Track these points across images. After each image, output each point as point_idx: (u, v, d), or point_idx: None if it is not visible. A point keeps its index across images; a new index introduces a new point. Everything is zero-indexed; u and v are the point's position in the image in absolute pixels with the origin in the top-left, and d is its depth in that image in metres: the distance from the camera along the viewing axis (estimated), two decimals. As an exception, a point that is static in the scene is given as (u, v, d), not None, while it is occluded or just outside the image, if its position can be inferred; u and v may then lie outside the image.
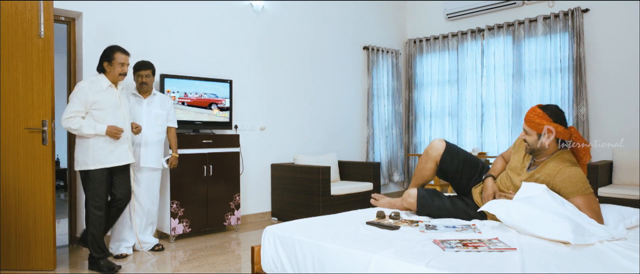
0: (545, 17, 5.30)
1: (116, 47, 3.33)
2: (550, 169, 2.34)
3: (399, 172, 6.46)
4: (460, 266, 1.67)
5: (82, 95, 3.16)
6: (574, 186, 2.26)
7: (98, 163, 3.20)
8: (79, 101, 3.15)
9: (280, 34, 5.32)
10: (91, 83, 3.22)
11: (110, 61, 3.27)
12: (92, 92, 3.18)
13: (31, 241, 3.21)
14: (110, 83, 3.28)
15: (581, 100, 4.99)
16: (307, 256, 2.12)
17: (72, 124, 3.12)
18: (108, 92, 3.27)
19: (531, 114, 2.41)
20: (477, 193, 2.66)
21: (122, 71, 3.29)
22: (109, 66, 3.28)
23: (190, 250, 3.81)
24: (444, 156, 2.76)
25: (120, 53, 3.29)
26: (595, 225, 2.08)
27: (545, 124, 2.34)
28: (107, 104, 3.23)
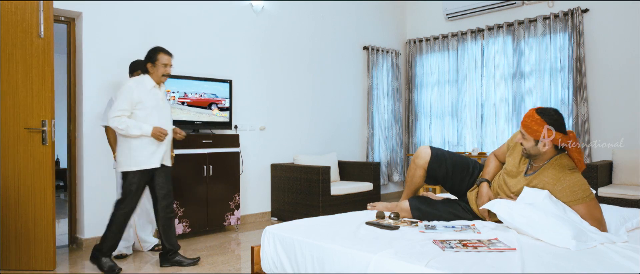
0: (545, 17, 5.30)
1: (159, 48, 3.29)
2: (549, 178, 2.27)
3: (398, 172, 6.46)
4: (459, 266, 1.67)
5: (129, 94, 3.12)
6: (575, 194, 2.20)
7: (139, 165, 3.15)
8: (126, 99, 3.11)
9: (280, 34, 5.32)
10: (138, 83, 3.18)
11: (154, 62, 3.23)
12: (138, 92, 3.15)
13: (31, 241, 3.21)
14: (155, 84, 3.25)
15: (581, 100, 4.99)
16: (306, 256, 2.12)
17: (119, 123, 3.08)
18: (152, 93, 3.22)
19: (528, 119, 2.29)
20: (472, 198, 2.63)
21: (165, 71, 3.25)
22: (152, 67, 3.24)
23: (190, 250, 3.80)
24: (430, 163, 2.70)
25: (164, 54, 3.25)
26: (596, 232, 2.06)
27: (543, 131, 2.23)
28: (151, 104, 3.19)
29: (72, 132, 4.05)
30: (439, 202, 2.68)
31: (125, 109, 3.11)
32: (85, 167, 3.92)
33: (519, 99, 5.49)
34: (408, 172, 2.84)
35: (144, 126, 3.13)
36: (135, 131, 3.10)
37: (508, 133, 5.61)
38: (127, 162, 3.16)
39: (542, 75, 5.34)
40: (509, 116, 5.60)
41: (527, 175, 2.38)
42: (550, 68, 5.27)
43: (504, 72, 5.69)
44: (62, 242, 4.11)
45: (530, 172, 2.38)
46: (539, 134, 2.25)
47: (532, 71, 5.41)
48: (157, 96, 3.26)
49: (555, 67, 5.24)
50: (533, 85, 5.39)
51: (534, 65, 5.39)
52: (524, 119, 2.32)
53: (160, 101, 3.27)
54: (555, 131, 2.23)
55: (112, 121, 3.10)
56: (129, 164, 3.16)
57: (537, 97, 5.35)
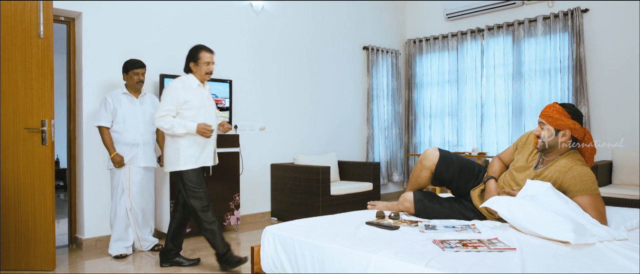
0: (545, 17, 5.30)
1: (201, 46, 3.23)
2: (561, 166, 2.33)
3: (398, 172, 6.46)
4: (459, 266, 1.67)
5: (174, 94, 3.10)
6: (584, 184, 2.25)
7: (190, 163, 3.12)
8: (170, 99, 3.09)
9: (280, 34, 5.32)
10: (182, 82, 3.15)
11: (196, 61, 3.18)
12: (184, 92, 3.11)
13: (31, 241, 3.21)
14: (199, 83, 3.21)
15: (582, 100, 4.99)
16: (306, 256, 2.12)
17: (164, 123, 3.06)
18: (197, 92, 3.18)
19: (550, 110, 2.38)
20: (475, 195, 2.64)
21: (208, 70, 3.20)
22: (195, 66, 3.19)
23: (190, 250, 3.80)
24: (438, 166, 2.71)
25: (206, 52, 3.20)
26: (597, 225, 2.08)
27: (565, 120, 2.32)
28: (197, 104, 3.15)
29: (72, 132, 4.04)
30: (443, 199, 2.70)
31: (170, 110, 3.08)
32: (85, 167, 3.92)
33: (518, 99, 5.49)
34: (413, 172, 2.85)
35: (188, 123, 3.09)
36: (180, 129, 3.07)
37: (508, 133, 5.61)
38: (177, 161, 3.12)
39: (542, 75, 5.34)
40: (509, 116, 5.60)
41: (537, 168, 2.42)
42: (550, 68, 5.27)
43: (503, 72, 5.69)
44: (62, 242, 4.11)
45: (541, 165, 2.42)
46: (561, 123, 2.34)
47: (532, 71, 5.40)
48: (202, 94, 3.22)
49: (555, 67, 5.24)
50: (533, 85, 5.39)
51: (534, 65, 5.39)
52: (546, 110, 2.40)
53: (205, 99, 3.23)
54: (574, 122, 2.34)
55: (157, 122, 3.08)
56: (179, 164, 3.12)
57: (537, 97, 5.36)
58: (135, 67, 3.65)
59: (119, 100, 3.62)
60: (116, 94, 3.64)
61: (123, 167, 3.59)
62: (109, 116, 3.58)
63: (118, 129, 3.60)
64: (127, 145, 3.60)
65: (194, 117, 3.13)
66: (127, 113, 3.62)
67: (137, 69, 3.66)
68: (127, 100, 3.65)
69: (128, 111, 3.62)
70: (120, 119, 3.60)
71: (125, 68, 3.67)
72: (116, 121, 3.60)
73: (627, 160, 4.45)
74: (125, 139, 3.60)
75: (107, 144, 3.57)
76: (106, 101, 3.59)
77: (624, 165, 4.45)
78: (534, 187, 2.27)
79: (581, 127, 2.36)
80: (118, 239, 3.62)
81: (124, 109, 3.61)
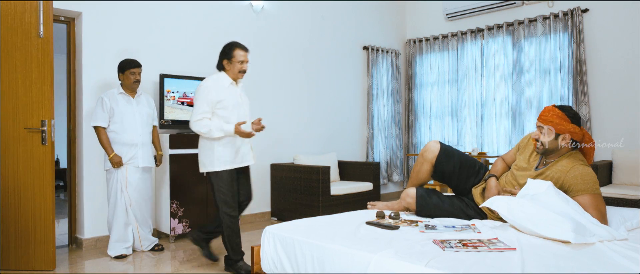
0: (544, 17, 5.30)
1: (235, 43, 3.18)
2: (562, 166, 2.34)
3: (398, 172, 6.46)
4: (459, 266, 1.67)
5: (206, 94, 3.03)
6: (585, 183, 2.26)
7: (224, 164, 3.08)
8: (204, 100, 3.02)
9: (280, 34, 5.32)
10: (214, 81, 3.09)
11: (230, 59, 3.11)
12: (216, 91, 3.04)
13: (31, 241, 3.21)
14: (232, 81, 3.15)
15: (582, 100, 4.99)
16: (306, 256, 2.12)
17: (201, 127, 3.00)
18: (230, 90, 3.12)
19: (549, 113, 2.38)
20: (477, 193, 2.65)
21: (242, 68, 3.13)
22: (228, 64, 3.12)
23: (189, 250, 3.80)
24: (439, 158, 2.75)
25: (240, 50, 3.14)
26: (597, 225, 2.08)
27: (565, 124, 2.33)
28: (230, 102, 3.08)
29: (72, 132, 4.04)
30: (444, 196, 2.71)
31: (205, 111, 3.01)
32: (85, 167, 3.92)
33: (518, 99, 5.49)
34: (414, 167, 2.87)
35: (225, 126, 3.02)
36: (218, 133, 3.00)
37: (508, 133, 5.61)
38: (211, 162, 3.08)
39: (542, 75, 5.34)
40: (509, 115, 5.60)
41: (538, 169, 2.43)
42: (550, 68, 5.27)
43: (503, 72, 5.69)
44: (62, 242, 4.11)
45: (542, 166, 2.43)
46: (561, 127, 2.34)
47: (532, 70, 5.40)
48: (235, 93, 3.15)
49: (555, 67, 5.24)
50: (533, 85, 5.39)
51: (534, 65, 5.39)
52: (544, 114, 2.40)
53: (239, 98, 3.16)
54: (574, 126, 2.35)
55: (194, 126, 3.02)
56: (214, 165, 3.08)
57: (537, 97, 5.36)
58: (131, 67, 3.61)
59: (116, 100, 3.58)
60: (112, 94, 3.60)
61: (121, 167, 3.57)
62: (106, 116, 3.54)
63: (115, 129, 3.56)
64: (125, 145, 3.58)
65: (228, 117, 3.06)
66: (125, 113, 3.59)
67: (133, 69, 3.62)
68: (124, 100, 3.62)
69: (126, 110, 3.60)
70: (118, 119, 3.56)
71: (121, 68, 3.63)
72: (113, 120, 3.57)
73: (627, 160, 4.45)
74: (123, 139, 3.57)
75: (105, 144, 3.53)
76: (103, 101, 3.55)
77: (624, 165, 4.45)
78: (534, 187, 2.28)
79: (580, 129, 2.37)
80: (117, 239, 3.60)
81: (121, 109, 3.58)
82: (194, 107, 3.06)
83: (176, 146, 4.09)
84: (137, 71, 3.64)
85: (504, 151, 5.60)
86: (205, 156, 3.11)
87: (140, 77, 3.69)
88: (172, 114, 4.20)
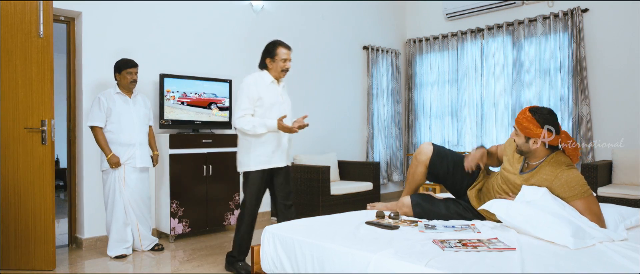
0: (544, 17, 5.30)
1: (278, 42, 3.13)
2: (546, 175, 2.29)
3: (398, 172, 6.46)
4: (459, 266, 1.67)
5: (247, 91, 3.01)
6: (572, 189, 2.22)
7: (259, 164, 3.05)
8: (246, 97, 3.00)
9: (280, 34, 5.31)
10: (255, 79, 3.07)
11: (273, 57, 3.08)
12: (256, 88, 3.02)
13: (31, 241, 3.21)
14: (273, 79, 3.12)
15: (582, 100, 4.99)
16: (306, 256, 2.12)
17: (245, 124, 2.98)
18: (271, 89, 3.09)
19: (520, 116, 2.35)
20: (473, 196, 2.65)
21: (284, 66, 3.09)
22: (271, 62, 3.09)
23: (189, 250, 3.81)
24: (432, 159, 2.74)
25: (283, 48, 3.10)
26: (596, 228, 2.07)
27: (543, 132, 2.28)
28: (269, 101, 3.05)
29: (72, 131, 4.04)
30: (440, 201, 2.70)
31: (247, 108, 2.99)
32: (85, 167, 3.92)
33: (518, 99, 5.49)
34: (409, 169, 2.87)
35: (268, 121, 2.98)
36: (262, 129, 2.97)
37: (508, 133, 5.61)
38: (247, 162, 3.07)
39: (542, 75, 5.34)
40: (509, 115, 5.60)
41: (523, 173, 2.41)
42: (550, 68, 5.27)
43: (503, 72, 5.69)
44: (62, 242, 4.11)
45: (526, 170, 2.41)
46: (529, 131, 2.31)
47: (532, 70, 5.40)
48: (275, 91, 3.12)
49: (555, 67, 5.24)
50: (533, 85, 5.39)
51: (534, 65, 5.39)
52: (518, 116, 2.37)
53: (279, 97, 3.13)
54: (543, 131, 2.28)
55: (237, 123, 3.00)
56: (249, 164, 3.06)
57: (537, 97, 5.35)
58: (128, 67, 3.59)
59: (113, 99, 3.56)
60: (109, 94, 3.57)
61: (118, 168, 3.56)
62: (103, 116, 3.52)
63: (113, 129, 3.54)
64: (123, 145, 3.56)
65: (265, 114, 3.04)
66: (122, 113, 3.57)
67: (130, 69, 3.60)
68: (121, 100, 3.60)
69: (123, 110, 3.57)
70: (115, 119, 3.54)
71: (118, 67, 3.60)
72: (110, 120, 3.54)
73: (627, 160, 4.45)
74: (120, 139, 3.55)
75: (103, 144, 3.50)
76: (100, 101, 3.52)
77: (624, 165, 4.45)
78: (530, 193, 2.26)
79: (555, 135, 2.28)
80: (117, 239, 3.59)
81: (118, 109, 3.56)
82: (236, 105, 3.05)
83: (176, 145, 4.09)
84: (134, 70, 3.62)
85: (504, 151, 5.59)
86: (242, 155, 3.11)
87: (137, 77, 3.67)
88: (172, 114, 4.20)
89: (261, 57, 3.15)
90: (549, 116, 2.31)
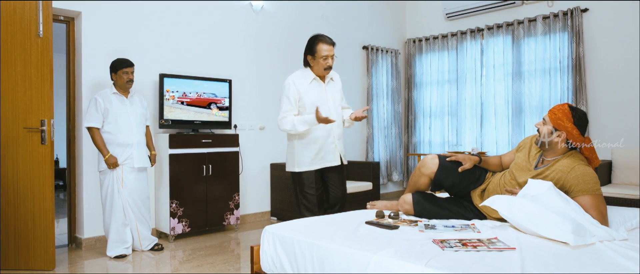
0: (544, 17, 5.30)
1: (319, 37, 3.00)
2: (564, 166, 2.32)
3: (398, 172, 6.46)
4: (459, 265, 1.67)
5: (287, 91, 2.97)
6: (586, 184, 2.25)
7: (302, 165, 3.03)
8: (287, 99, 2.96)
9: (280, 34, 5.31)
10: (295, 78, 3.01)
11: (314, 54, 2.97)
12: (296, 87, 2.96)
13: (30, 241, 3.21)
14: (315, 77, 3.02)
15: (581, 100, 4.99)
16: (306, 256, 2.12)
17: (285, 125, 2.94)
18: (312, 87, 3.01)
19: (557, 107, 2.39)
20: (476, 195, 2.65)
21: (326, 64, 2.97)
22: (312, 60, 2.99)
23: (189, 250, 3.80)
24: (437, 174, 2.66)
25: (323, 44, 2.97)
26: (597, 226, 2.07)
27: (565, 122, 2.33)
28: (310, 99, 2.97)
29: (72, 131, 4.04)
30: (442, 200, 2.69)
31: (288, 109, 2.94)
32: (85, 166, 3.92)
33: (518, 98, 5.49)
34: (412, 177, 2.81)
35: (306, 116, 2.90)
36: (302, 126, 2.91)
37: (508, 133, 5.61)
38: (293, 162, 3.06)
39: (541, 75, 5.34)
40: (509, 115, 5.60)
41: (537, 168, 2.42)
42: (549, 68, 5.27)
43: (503, 71, 5.69)
44: (62, 242, 4.11)
45: (541, 165, 2.42)
46: (560, 123, 2.35)
47: (532, 70, 5.41)
48: (318, 89, 3.02)
49: (554, 66, 5.24)
50: (532, 85, 5.39)
51: (534, 65, 5.39)
52: (554, 107, 2.42)
53: (321, 94, 3.03)
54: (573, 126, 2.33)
55: (279, 125, 2.98)
56: (294, 165, 3.05)
57: (536, 97, 5.36)
58: (124, 66, 3.57)
59: (110, 100, 3.54)
60: (106, 94, 3.56)
61: (116, 168, 3.55)
62: (100, 117, 3.50)
63: (110, 129, 3.53)
64: (120, 146, 3.55)
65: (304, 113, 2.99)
66: (119, 113, 3.55)
67: (126, 68, 3.57)
68: (118, 100, 3.59)
69: (120, 111, 3.56)
70: (112, 119, 3.53)
71: (114, 68, 3.59)
72: (108, 121, 3.53)
73: (626, 160, 4.46)
74: (118, 139, 3.54)
75: (100, 145, 3.49)
76: (97, 101, 3.50)
77: (624, 165, 4.46)
78: (535, 187, 2.27)
79: (580, 134, 2.33)
80: (116, 240, 3.58)
81: (115, 109, 3.54)
82: (279, 106, 3.02)
83: (176, 145, 4.09)
84: (130, 70, 3.60)
85: (504, 151, 5.60)
86: (289, 155, 3.11)
87: (134, 77, 3.65)
88: (172, 114, 4.20)
89: (304, 54, 3.06)
90: (583, 118, 2.38)
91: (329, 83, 3.14)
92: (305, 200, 3.07)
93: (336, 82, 3.21)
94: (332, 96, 3.11)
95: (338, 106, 3.15)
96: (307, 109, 2.99)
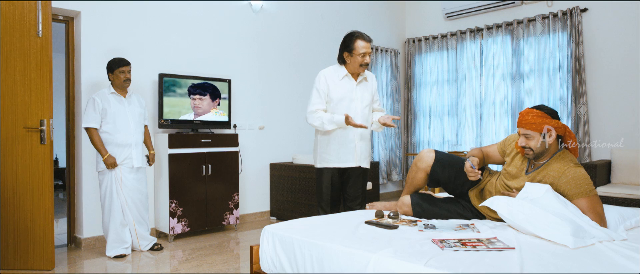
0: (544, 17, 5.31)
1: (357, 34, 2.94)
2: (554, 171, 2.30)
3: (397, 172, 6.46)
4: (458, 265, 1.67)
5: (317, 84, 2.95)
6: (578, 187, 2.23)
7: (324, 162, 3.03)
8: (317, 91, 2.93)
9: (279, 33, 5.31)
10: (327, 72, 2.98)
11: (351, 51, 2.92)
12: (325, 82, 2.94)
13: (30, 241, 3.20)
14: (347, 73, 2.98)
15: (580, 99, 5.00)
16: (306, 256, 2.11)
17: (314, 121, 2.93)
18: (343, 83, 2.97)
19: (528, 116, 2.33)
20: (474, 195, 2.64)
21: (363, 61, 2.93)
22: (349, 57, 2.94)
23: (189, 250, 3.80)
24: (433, 167, 2.67)
25: (361, 40, 2.92)
26: (596, 227, 2.07)
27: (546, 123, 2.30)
28: (337, 96, 2.93)
29: (71, 131, 4.04)
30: (440, 200, 2.68)
31: (317, 103, 2.91)
32: (84, 166, 3.91)
33: (518, 98, 5.49)
34: (409, 173, 2.82)
35: (335, 116, 2.88)
36: (330, 125, 2.89)
37: (507, 132, 5.61)
38: (316, 159, 3.08)
39: (541, 74, 5.34)
40: (508, 115, 5.60)
41: (529, 173, 2.40)
42: (549, 67, 5.27)
43: (503, 71, 5.70)
44: (61, 241, 4.10)
45: (531, 170, 2.40)
46: (542, 127, 2.31)
47: (531, 70, 5.41)
48: (347, 86, 2.98)
49: (554, 66, 5.24)
50: (532, 84, 5.40)
51: (533, 65, 5.40)
52: (524, 118, 2.34)
53: (351, 93, 2.98)
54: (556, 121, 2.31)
55: (308, 118, 2.97)
56: (316, 161, 3.08)
57: (536, 97, 5.36)
58: (120, 65, 3.56)
59: (108, 100, 3.53)
60: (103, 94, 3.55)
61: (115, 168, 3.54)
62: (98, 117, 3.49)
63: (108, 129, 3.52)
64: (119, 146, 3.55)
65: (332, 110, 2.96)
66: (117, 113, 3.55)
67: (122, 67, 3.56)
68: (116, 100, 3.58)
69: (118, 111, 3.55)
70: (110, 119, 3.52)
71: (110, 67, 3.57)
72: (106, 121, 3.52)
73: (626, 160, 4.46)
74: (116, 139, 3.54)
75: (98, 145, 3.48)
76: (95, 101, 3.49)
77: (623, 164, 4.46)
78: (532, 190, 2.26)
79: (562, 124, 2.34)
80: (115, 240, 3.58)
81: (113, 109, 3.53)
82: (308, 100, 3.02)
83: (175, 145, 4.08)
84: (126, 69, 3.59)
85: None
86: (314, 150, 3.14)
87: (131, 76, 3.65)
88: (172, 113, 4.19)
89: (339, 50, 3.02)
90: (551, 110, 2.36)
91: (361, 82, 3.10)
92: (320, 196, 3.12)
93: (370, 83, 3.17)
94: (361, 96, 3.06)
95: (366, 107, 3.11)
96: (332, 103, 2.98)
